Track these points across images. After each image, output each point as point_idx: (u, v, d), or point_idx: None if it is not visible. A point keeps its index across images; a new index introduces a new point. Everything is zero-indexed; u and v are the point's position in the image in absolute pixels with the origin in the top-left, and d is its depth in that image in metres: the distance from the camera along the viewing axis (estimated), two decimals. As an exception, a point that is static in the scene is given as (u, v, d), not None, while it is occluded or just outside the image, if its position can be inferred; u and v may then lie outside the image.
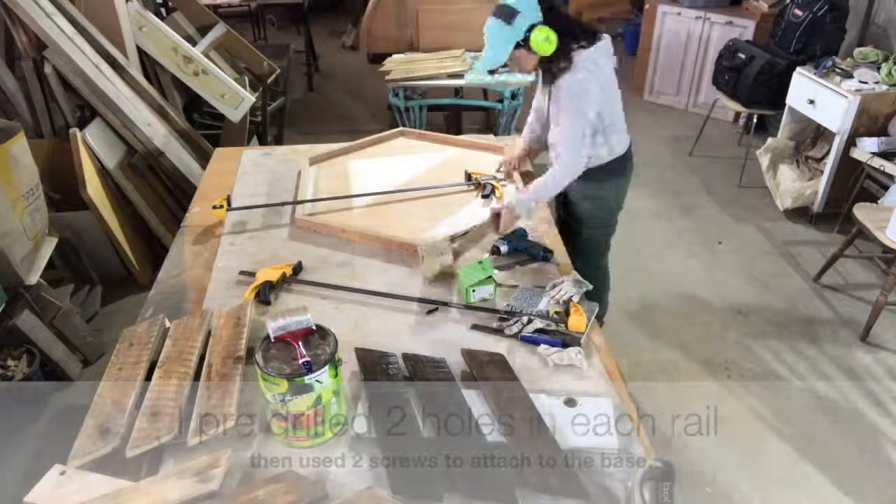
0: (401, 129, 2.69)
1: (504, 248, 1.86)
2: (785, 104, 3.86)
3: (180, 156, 3.39)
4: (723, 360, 2.79)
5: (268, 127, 4.30)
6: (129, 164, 3.23)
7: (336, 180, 2.33)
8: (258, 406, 1.35)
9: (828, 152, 3.63)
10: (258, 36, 6.85)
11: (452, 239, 1.92)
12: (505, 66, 1.95)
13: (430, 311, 1.67)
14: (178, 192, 3.40)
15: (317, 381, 1.21)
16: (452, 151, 2.51)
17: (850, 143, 3.40)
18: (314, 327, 1.29)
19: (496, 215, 1.99)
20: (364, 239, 1.95)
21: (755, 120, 4.29)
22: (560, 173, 1.96)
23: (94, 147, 3.08)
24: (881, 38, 3.93)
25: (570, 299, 1.63)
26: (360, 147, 2.56)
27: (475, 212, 2.09)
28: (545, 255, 1.85)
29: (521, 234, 1.90)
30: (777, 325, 2.99)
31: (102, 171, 3.13)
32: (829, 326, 2.97)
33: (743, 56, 4.05)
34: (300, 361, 1.21)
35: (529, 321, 1.58)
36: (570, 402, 1.36)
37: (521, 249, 1.87)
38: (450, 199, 2.18)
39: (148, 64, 3.55)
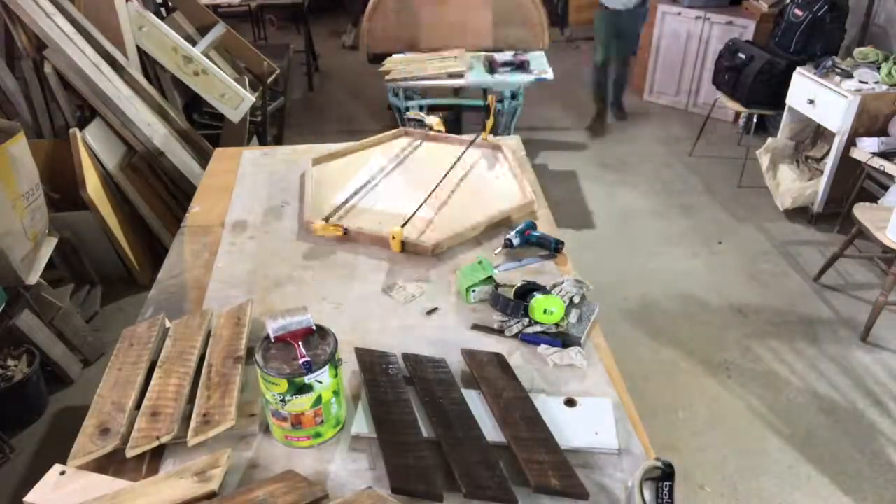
0: (403, 128, 2.69)
1: (516, 242, 1.86)
2: (785, 104, 3.86)
3: (180, 156, 3.39)
4: (723, 360, 2.79)
5: (268, 127, 4.30)
6: (129, 164, 3.23)
7: (341, 180, 2.33)
8: (258, 406, 1.35)
9: (828, 152, 3.63)
10: (258, 36, 6.85)
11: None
12: None
13: (430, 312, 1.67)
14: (178, 192, 3.40)
15: (317, 381, 1.21)
16: (456, 150, 2.51)
17: (850, 143, 3.40)
18: (314, 327, 1.29)
19: None
20: (374, 241, 1.95)
21: (755, 120, 4.30)
22: None
23: (94, 147, 3.08)
24: (881, 38, 3.93)
25: (571, 299, 1.63)
26: (363, 147, 2.55)
27: (485, 211, 2.07)
28: (557, 245, 1.85)
29: (531, 226, 1.90)
30: (777, 325, 2.99)
31: (102, 171, 3.13)
32: (829, 326, 2.97)
33: (743, 56, 4.05)
34: (300, 361, 1.21)
35: (530, 322, 1.58)
36: (570, 402, 1.36)
37: (532, 242, 1.88)
38: (459, 200, 2.18)
39: (148, 64, 3.55)
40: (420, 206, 2.06)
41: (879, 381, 2.68)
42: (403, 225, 1.93)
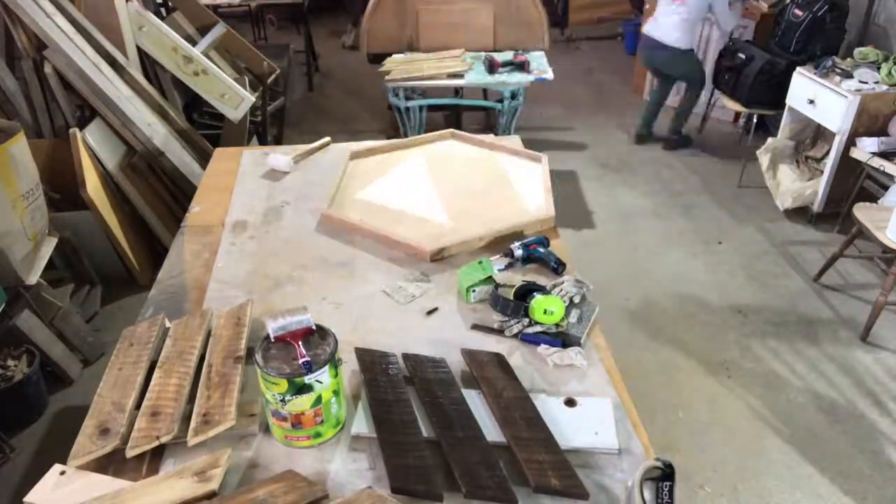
0: (451, 130, 2.61)
1: (518, 253, 1.82)
2: (785, 104, 3.86)
3: (180, 156, 3.39)
4: (723, 360, 2.79)
5: (268, 127, 4.30)
6: (129, 164, 3.23)
7: (371, 178, 2.31)
8: (258, 406, 1.35)
9: (828, 152, 3.63)
10: (258, 36, 6.85)
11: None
12: None
13: (430, 312, 1.67)
14: (178, 192, 3.40)
15: (317, 381, 1.21)
16: (499, 158, 2.44)
17: (850, 143, 3.40)
18: (314, 327, 1.29)
19: None
20: (384, 241, 1.94)
21: (755, 120, 4.29)
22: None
23: (94, 147, 3.08)
24: (881, 38, 3.93)
25: (571, 299, 1.63)
26: (406, 146, 2.51)
27: (506, 216, 2.05)
28: (557, 266, 1.80)
29: (540, 241, 1.87)
30: (777, 325, 2.99)
31: (102, 171, 3.13)
32: (829, 326, 2.97)
33: (743, 56, 4.05)
34: (300, 361, 1.21)
35: (530, 322, 1.58)
36: (570, 402, 1.36)
37: (535, 257, 1.84)
38: (482, 203, 2.16)
39: (148, 64, 3.55)
40: (438, 212, 2.06)
41: (879, 381, 2.68)
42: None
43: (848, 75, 3.45)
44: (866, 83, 3.36)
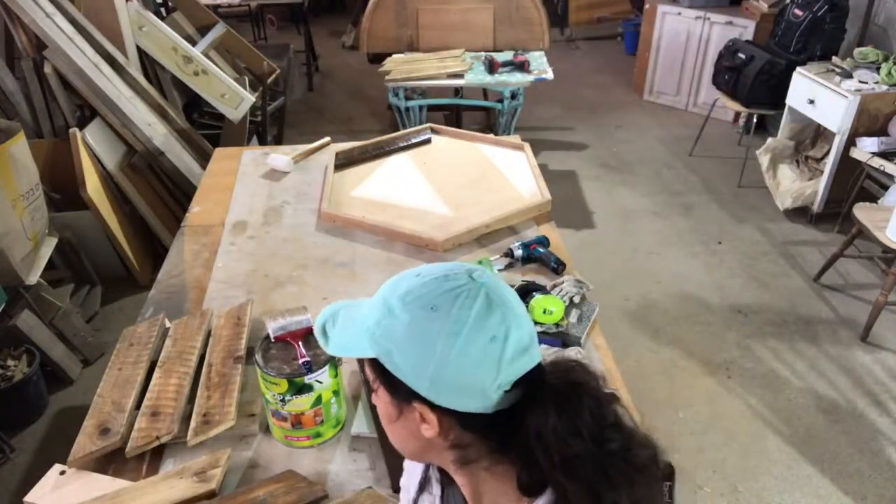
0: (429, 125, 2.63)
1: (518, 253, 1.83)
2: (785, 104, 3.86)
3: (180, 156, 3.39)
4: (723, 360, 2.79)
5: (268, 127, 4.30)
6: (129, 164, 3.23)
7: (362, 176, 2.33)
8: (258, 406, 1.35)
9: (828, 152, 3.63)
10: (258, 36, 6.85)
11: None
12: None
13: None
14: (178, 192, 3.40)
15: (317, 381, 1.21)
16: (484, 149, 2.47)
17: (850, 142, 3.40)
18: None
19: None
20: (392, 235, 1.95)
21: (755, 120, 4.29)
22: None
23: (94, 147, 3.08)
24: (881, 38, 3.93)
25: (571, 299, 1.63)
26: (388, 143, 2.53)
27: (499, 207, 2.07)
28: (557, 266, 1.80)
29: (540, 241, 1.87)
30: (777, 325, 2.99)
31: (102, 171, 3.13)
32: (829, 326, 2.97)
33: (743, 56, 4.05)
34: (300, 361, 1.21)
35: (529, 321, 1.57)
36: (570, 402, 1.36)
37: (535, 257, 1.84)
38: (478, 192, 2.17)
39: (148, 64, 3.55)
40: (436, 204, 2.07)
41: (879, 381, 2.68)
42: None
43: (848, 75, 3.45)
44: (866, 83, 3.36)
